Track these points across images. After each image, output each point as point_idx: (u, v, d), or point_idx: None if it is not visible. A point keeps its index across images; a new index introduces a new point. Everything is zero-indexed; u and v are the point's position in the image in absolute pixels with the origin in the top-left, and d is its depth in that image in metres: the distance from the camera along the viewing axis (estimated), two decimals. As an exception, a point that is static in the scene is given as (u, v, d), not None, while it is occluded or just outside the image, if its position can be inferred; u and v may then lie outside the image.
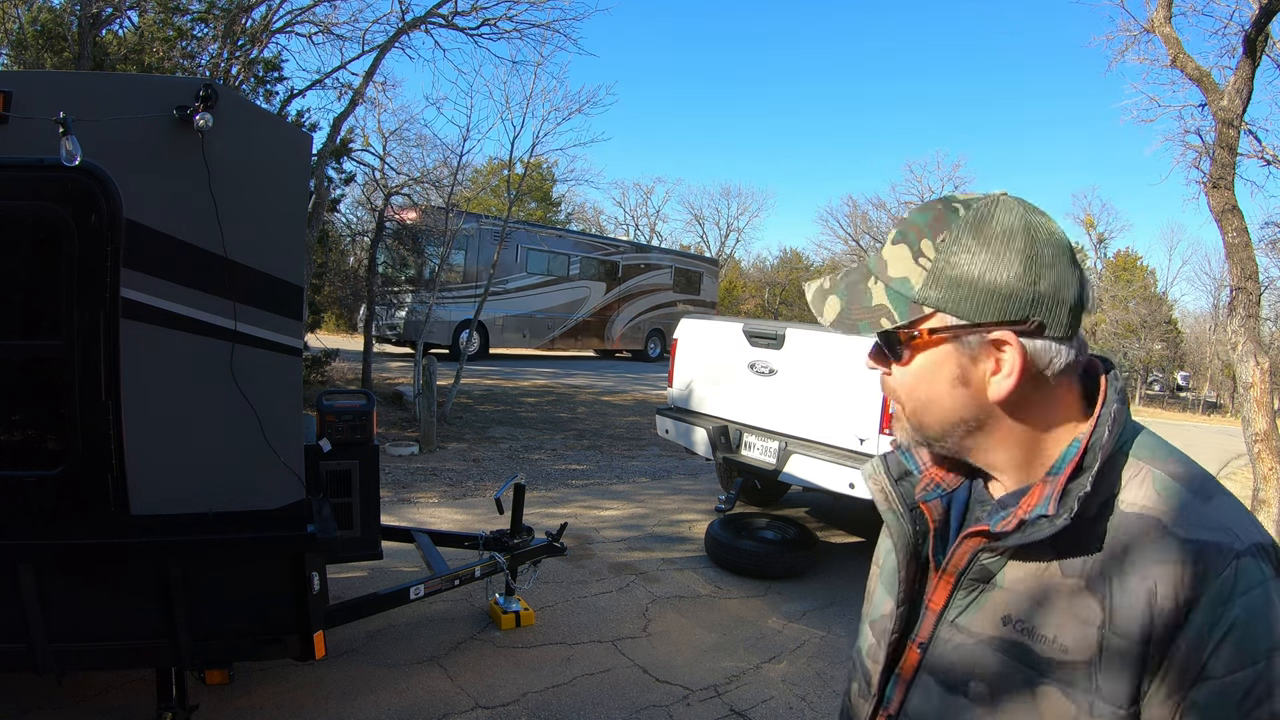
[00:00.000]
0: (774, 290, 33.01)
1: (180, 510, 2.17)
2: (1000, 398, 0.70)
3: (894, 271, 0.71)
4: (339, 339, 13.59)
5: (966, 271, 0.68)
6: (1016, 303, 0.67)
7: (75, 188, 1.97)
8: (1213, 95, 5.08)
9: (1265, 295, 11.81)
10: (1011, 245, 0.67)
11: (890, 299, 0.71)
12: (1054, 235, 0.69)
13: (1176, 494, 0.68)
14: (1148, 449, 0.72)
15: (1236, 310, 4.87)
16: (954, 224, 0.69)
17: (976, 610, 0.75)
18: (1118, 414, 0.71)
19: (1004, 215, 0.69)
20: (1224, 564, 0.63)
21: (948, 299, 0.68)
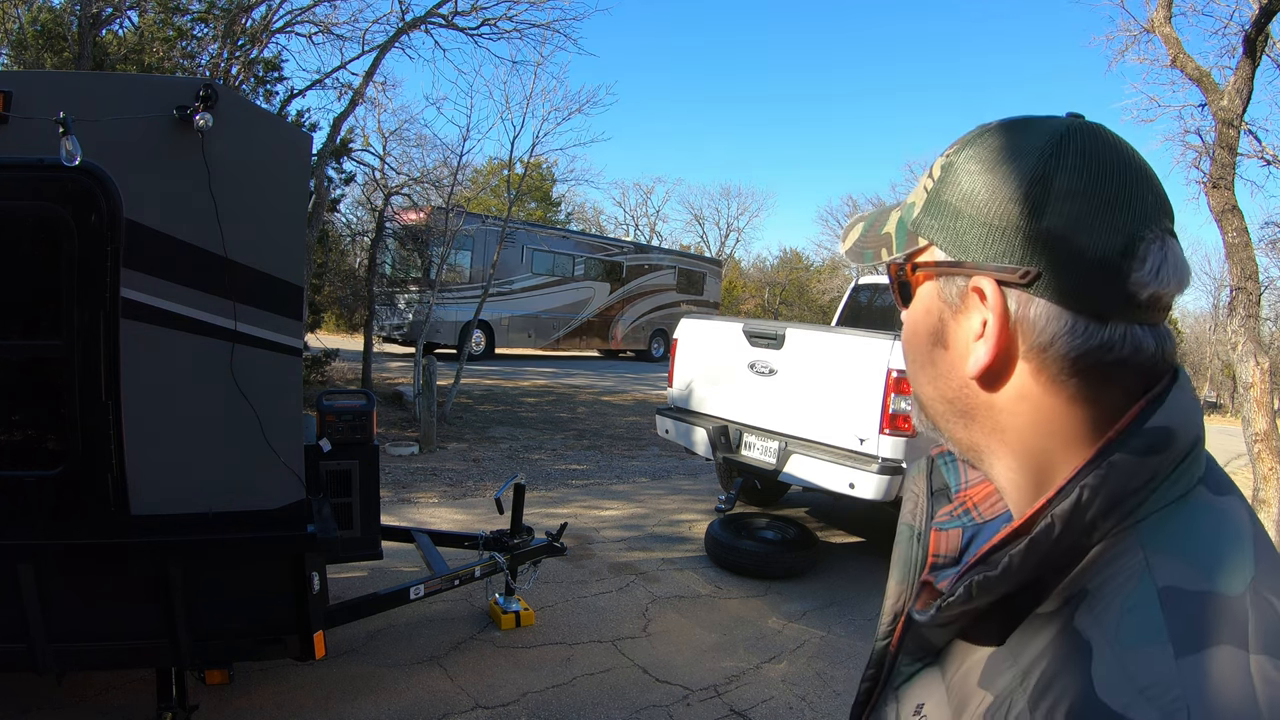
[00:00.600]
0: (774, 290, 33.01)
1: (180, 510, 2.17)
2: (976, 372, 0.50)
3: (910, 198, 0.57)
4: (339, 339, 13.59)
5: (961, 193, 0.51)
6: (1007, 239, 0.48)
7: (75, 188, 1.97)
8: (1213, 95, 5.08)
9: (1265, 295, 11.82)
10: (1020, 162, 0.49)
11: (895, 227, 0.57)
12: (1099, 162, 0.48)
13: (1145, 619, 0.42)
14: (1175, 534, 0.46)
15: (1236, 310, 4.87)
16: (976, 139, 0.52)
17: (913, 685, 0.59)
18: (1120, 470, 0.46)
19: (1034, 129, 0.50)
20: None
21: (935, 226, 0.53)
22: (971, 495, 0.64)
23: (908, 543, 0.68)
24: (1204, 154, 5.49)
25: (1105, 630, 0.43)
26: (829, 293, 30.66)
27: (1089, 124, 0.51)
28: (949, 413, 0.55)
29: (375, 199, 11.00)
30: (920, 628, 0.56)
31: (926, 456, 0.72)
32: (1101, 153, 0.48)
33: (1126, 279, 0.46)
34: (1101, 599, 0.44)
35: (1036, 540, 0.46)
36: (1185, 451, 0.48)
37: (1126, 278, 0.46)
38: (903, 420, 3.89)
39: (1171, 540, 0.45)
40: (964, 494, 0.65)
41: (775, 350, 4.54)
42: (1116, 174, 0.48)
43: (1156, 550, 0.44)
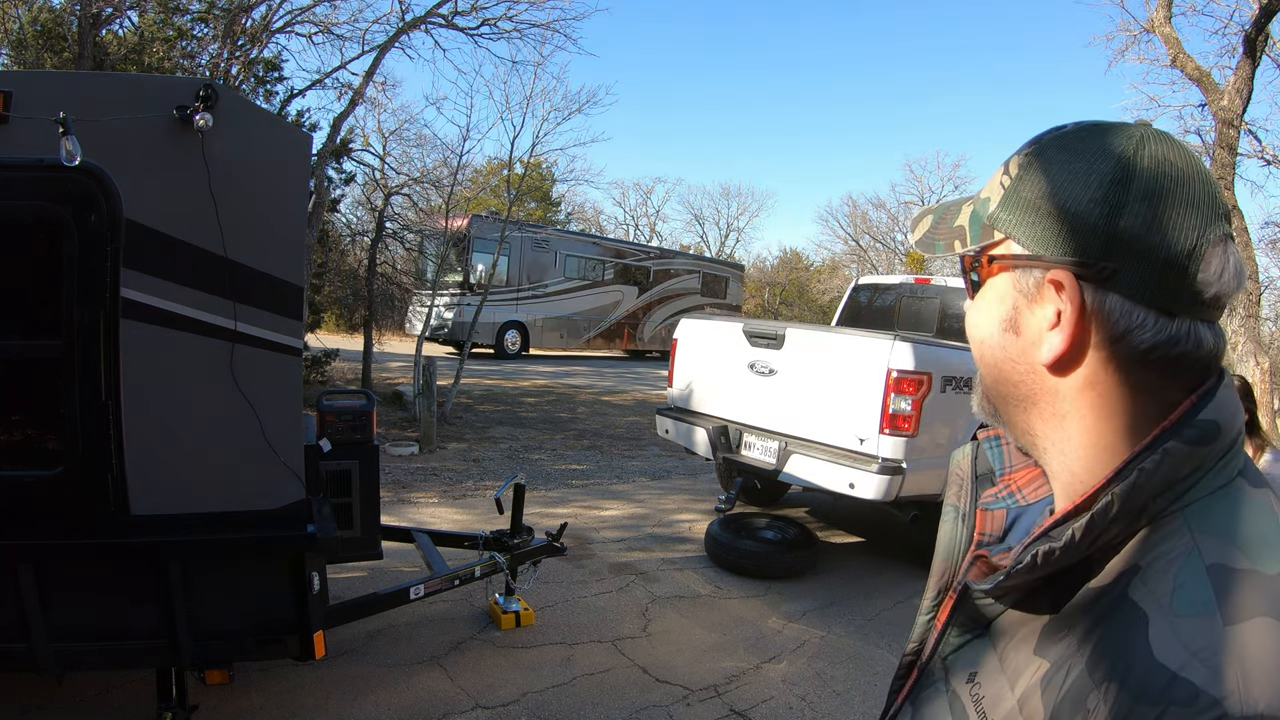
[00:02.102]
0: (774, 290, 33.02)
1: (180, 510, 2.17)
2: (1050, 359, 0.54)
3: (984, 193, 0.60)
4: (339, 339, 13.59)
5: (1039, 191, 0.54)
6: (1085, 236, 0.52)
7: (75, 188, 1.97)
8: (1213, 95, 5.08)
9: (1265, 295, 11.83)
10: (1098, 164, 0.52)
11: (970, 221, 0.61)
12: (1171, 168, 0.51)
13: (1200, 598, 0.46)
14: (1221, 518, 0.50)
15: (1236, 310, 4.88)
16: (1054, 141, 0.56)
17: (963, 655, 0.63)
18: (1173, 456, 0.50)
19: (1112, 135, 0.54)
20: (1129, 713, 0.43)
21: (1014, 221, 0.56)
22: (1016, 479, 0.68)
23: (952, 523, 0.71)
24: (1204, 154, 5.49)
25: (1159, 601, 0.47)
26: (829, 293, 30.67)
27: (1160, 132, 0.54)
28: (1012, 397, 0.58)
29: (375, 199, 11.00)
30: (974, 600, 0.60)
31: (973, 441, 0.74)
32: (1174, 159, 0.52)
33: (1195, 278, 0.50)
34: (1154, 574, 0.48)
35: (1096, 516, 0.50)
36: (1229, 445, 0.52)
37: (1195, 277, 0.50)
38: (902, 420, 3.89)
39: (1217, 524, 0.49)
40: (1009, 478, 0.68)
41: (775, 350, 4.54)
42: (1186, 180, 0.51)
43: (1203, 532, 0.49)
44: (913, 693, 0.68)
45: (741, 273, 25.01)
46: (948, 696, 0.62)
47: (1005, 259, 0.57)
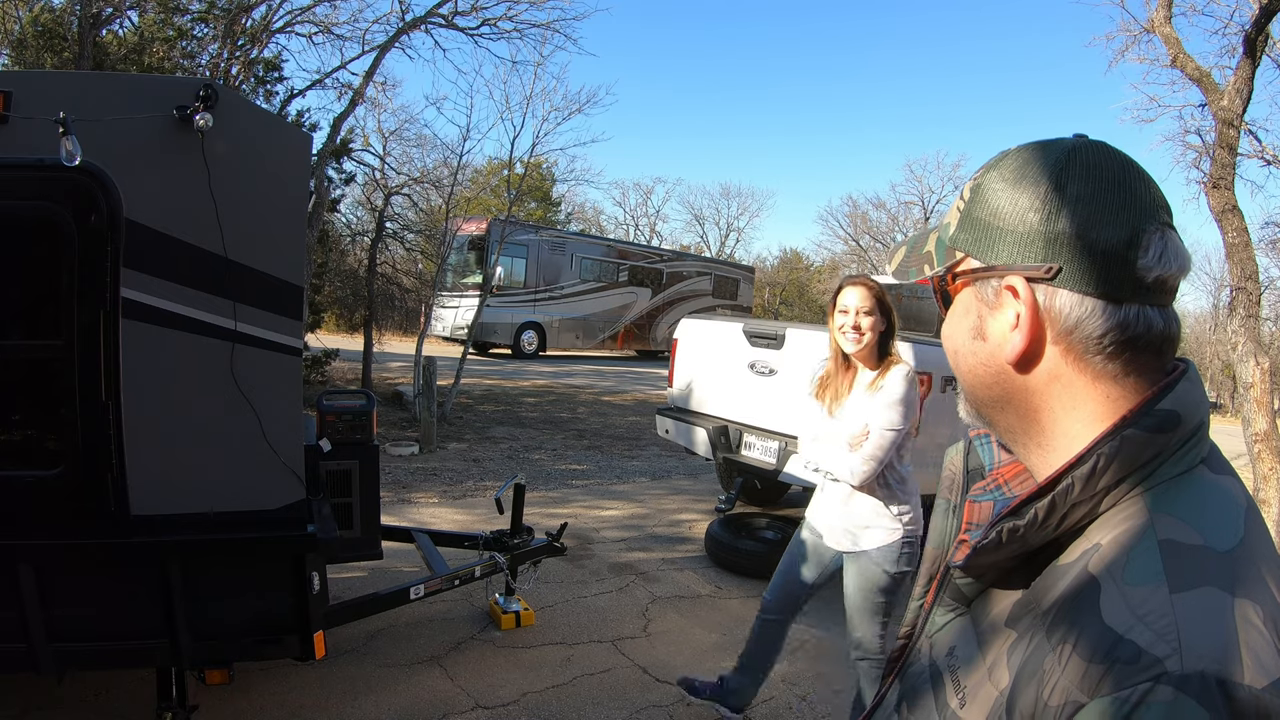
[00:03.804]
0: (774, 290, 33.01)
1: (180, 510, 2.17)
2: (1012, 357, 0.59)
3: (946, 219, 0.67)
4: (339, 339, 13.60)
5: (989, 208, 0.61)
6: (1029, 243, 0.57)
7: (75, 188, 1.97)
8: (1213, 95, 5.08)
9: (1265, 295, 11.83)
10: (1035, 182, 0.58)
11: (935, 246, 0.67)
12: (1103, 171, 0.57)
13: (1146, 564, 0.50)
14: (1179, 500, 0.53)
15: (1236, 310, 4.87)
16: (998, 162, 0.62)
17: (945, 631, 0.68)
18: (1133, 442, 0.54)
19: (1046, 150, 0.60)
20: (1132, 678, 0.45)
21: (969, 239, 0.62)
22: (1004, 473, 0.72)
23: (943, 515, 0.76)
24: (1204, 154, 5.49)
25: (1113, 572, 0.51)
26: (829, 293, 30.61)
27: (1093, 141, 0.60)
28: (989, 399, 0.63)
29: (375, 199, 11.00)
30: (955, 580, 0.65)
31: (965, 438, 0.79)
32: (1104, 163, 0.58)
33: (1134, 265, 0.55)
34: (1111, 549, 0.52)
35: (1057, 497, 0.55)
36: (1189, 434, 0.56)
37: (1134, 264, 0.55)
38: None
39: (1173, 505, 0.53)
40: (996, 472, 0.73)
41: (775, 350, 4.54)
42: (1118, 180, 0.57)
43: (1160, 512, 0.53)
44: (900, 671, 0.73)
45: (752, 274, 25.58)
46: (929, 671, 0.67)
47: (966, 274, 0.63)
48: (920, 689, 0.67)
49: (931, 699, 0.64)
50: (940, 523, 0.77)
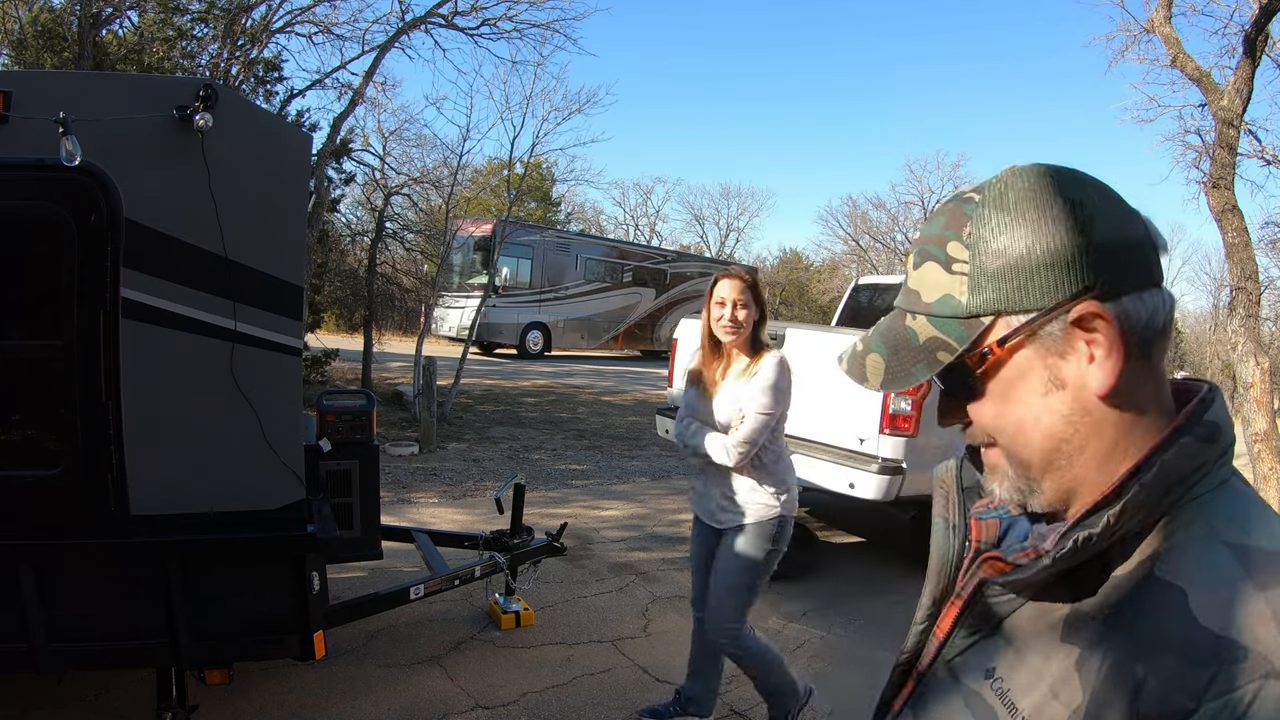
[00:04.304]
0: (774, 290, 33.00)
1: (180, 510, 2.16)
2: (1107, 386, 0.54)
3: (930, 296, 0.59)
4: (339, 339, 13.60)
5: (1011, 255, 0.55)
6: (1082, 264, 0.53)
7: (75, 188, 1.97)
8: (1213, 95, 5.08)
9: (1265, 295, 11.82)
10: (1048, 203, 0.55)
11: (939, 327, 0.58)
12: (1086, 177, 0.57)
13: (1230, 572, 0.50)
14: (1224, 509, 0.54)
15: (1236, 310, 4.87)
16: (974, 213, 0.57)
17: (972, 655, 0.64)
18: (1189, 451, 0.54)
19: (1021, 180, 0.57)
20: (1244, 678, 0.45)
21: (1004, 296, 0.55)
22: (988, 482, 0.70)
23: (944, 534, 0.73)
24: (1204, 154, 5.48)
25: (1191, 577, 0.51)
26: (829, 293, 30.65)
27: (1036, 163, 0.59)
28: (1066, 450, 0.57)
29: (375, 199, 11.00)
30: (987, 599, 0.63)
31: (955, 456, 0.75)
32: (1082, 174, 0.58)
33: (1156, 251, 0.56)
34: (1178, 556, 0.52)
35: (1129, 503, 0.53)
36: (1226, 446, 0.56)
37: (1156, 250, 0.56)
38: (902, 420, 3.89)
39: (1226, 512, 0.54)
40: None
41: (775, 350, 4.54)
42: (1091, 178, 0.57)
43: (1216, 519, 0.53)
44: (913, 699, 0.69)
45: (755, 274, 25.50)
46: (963, 695, 0.63)
47: (1018, 332, 0.56)
48: (955, 716, 0.63)
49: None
50: (941, 542, 0.73)
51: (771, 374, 2.39)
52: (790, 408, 2.51)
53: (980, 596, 0.64)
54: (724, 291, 2.46)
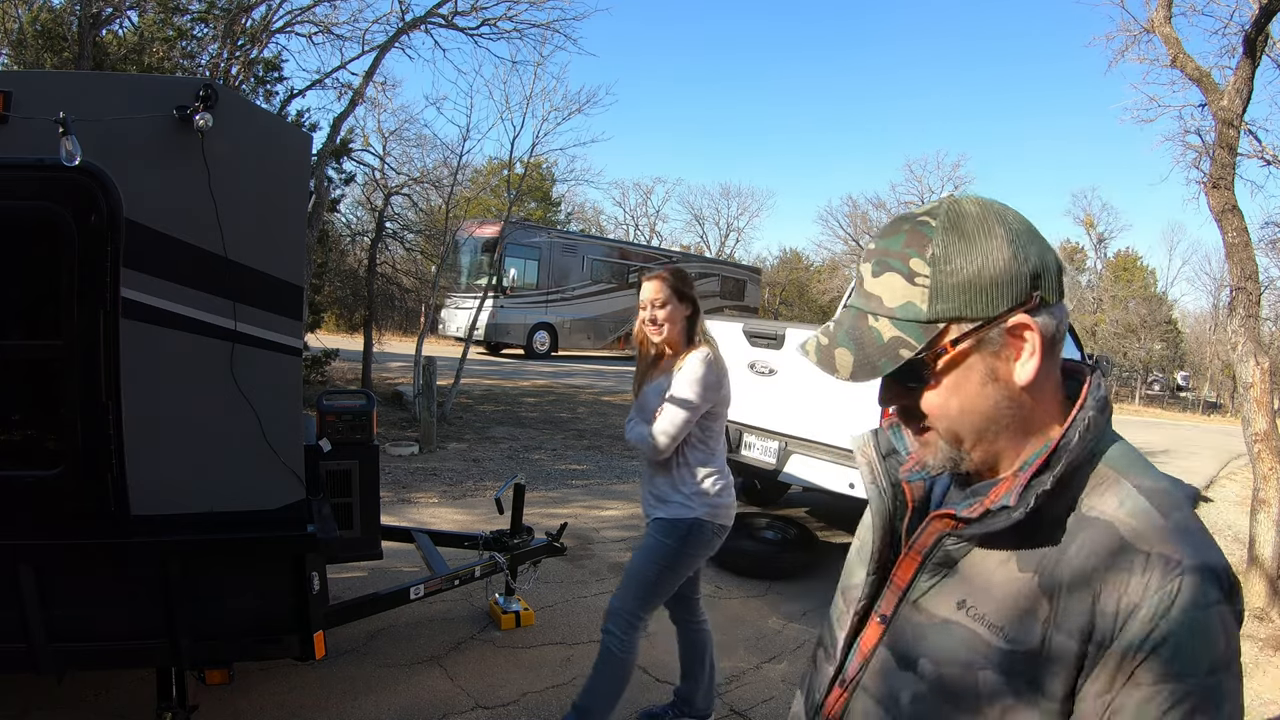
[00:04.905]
0: (774, 290, 33.00)
1: (180, 510, 2.16)
2: (1029, 379, 0.71)
3: (892, 301, 0.71)
4: (339, 339, 13.60)
5: (967, 273, 0.69)
6: (1018, 284, 0.69)
7: (75, 188, 1.97)
8: (1213, 95, 5.07)
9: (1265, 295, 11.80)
10: (994, 233, 0.70)
11: (901, 328, 0.71)
12: (1013, 212, 0.72)
13: (1139, 506, 0.69)
14: (1121, 460, 0.73)
15: (1236, 310, 4.87)
16: (933, 235, 0.70)
17: (937, 593, 0.78)
18: (1093, 421, 0.72)
19: (971, 209, 0.71)
20: (1168, 578, 0.64)
21: (959, 306, 0.69)
22: (920, 455, 0.81)
23: (879, 498, 0.86)
24: (1204, 154, 5.48)
25: (1115, 512, 0.69)
26: (829, 293, 30.65)
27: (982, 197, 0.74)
28: (996, 429, 0.74)
29: (375, 199, 11.00)
30: (947, 547, 0.77)
31: (869, 430, 0.91)
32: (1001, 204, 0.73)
33: (1062, 273, 0.74)
34: (1100, 498, 0.71)
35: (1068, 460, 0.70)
36: (1110, 414, 0.76)
37: (1062, 272, 0.74)
38: (903, 420, 3.88)
39: (1124, 463, 0.73)
40: (915, 455, 0.83)
41: (775, 350, 4.54)
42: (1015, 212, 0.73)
43: (1119, 468, 0.72)
44: (887, 636, 0.81)
45: (759, 275, 26.23)
46: (939, 625, 0.76)
47: (967, 336, 0.70)
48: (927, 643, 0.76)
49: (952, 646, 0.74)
50: (879, 505, 0.86)
51: (695, 368, 2.39)
52: (726, 405, 2.54)
53: (939, 546, 0.77)
54: (644, 294, 2.49)
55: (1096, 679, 0.65)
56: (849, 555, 0.96)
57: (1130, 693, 0.63)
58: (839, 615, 0.90)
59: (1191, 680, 0.62)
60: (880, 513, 0.86)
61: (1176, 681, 0.62)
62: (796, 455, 4.30)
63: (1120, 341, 29.57)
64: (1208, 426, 21.46)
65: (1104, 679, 0.65)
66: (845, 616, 0.88)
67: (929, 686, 0.75)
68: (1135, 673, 0.63)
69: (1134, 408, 27.51)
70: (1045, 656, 0.68)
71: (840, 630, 0.88)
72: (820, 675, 0.90)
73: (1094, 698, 0.65)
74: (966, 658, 0.72)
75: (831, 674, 0.88)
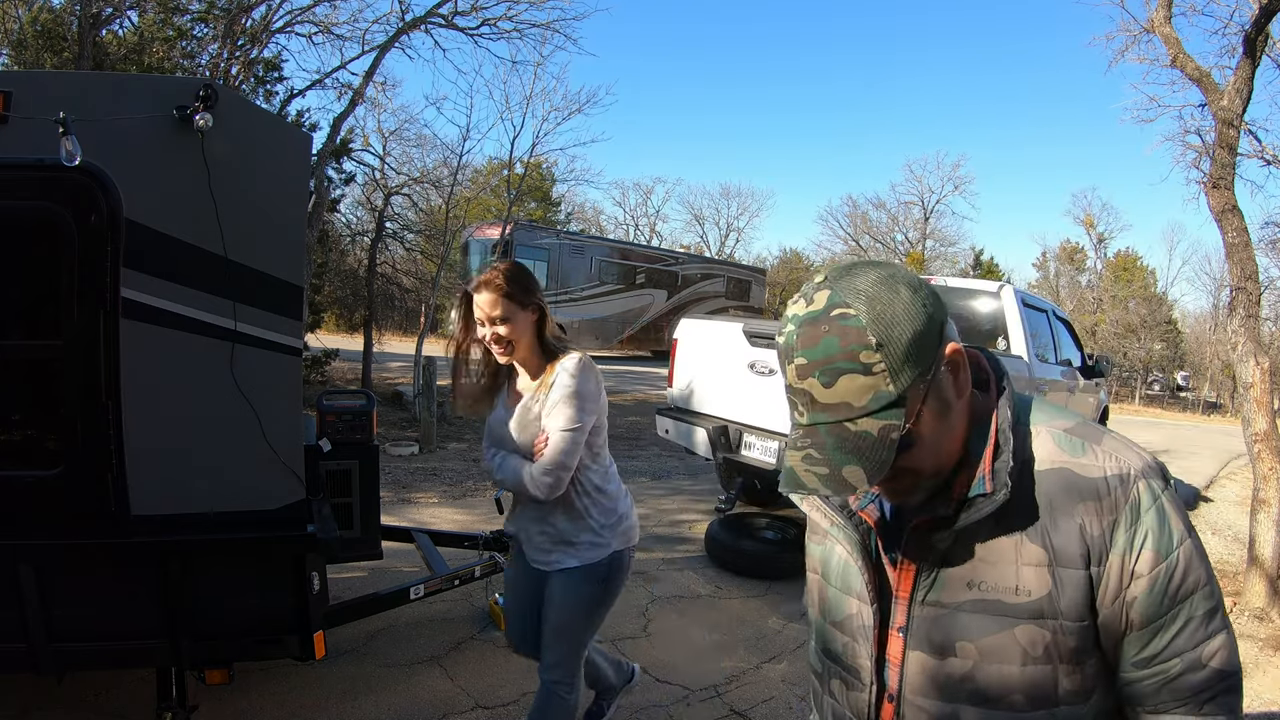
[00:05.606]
0: (774, 290, 33.00)
1: (180, 510, 2.16)
2: (966, 392, 0.84)
3: (861, 400, 0.75)
4: (339, 339, 13.60)
5: (906, 339, 0.75)
6: (933, 322, 0.78)
7: (75, 188, 1.97)
8: (1213, 95, 5.07)
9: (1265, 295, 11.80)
10: (898, 292, 0.77)
11: (882, 417, 0.76)
12: (877, 262, 0.82)
13: (1075, 444, 0.84)
14: (1041, 414, 0.88)
15: (1236, 310, 4.86)
16: (864, 323, 0.75)
17: (942, 586, 0.86)
18: (1011, 397, 0.86)
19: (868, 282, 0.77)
20: (1129, 490, 0.81)
21: (914, 370, 0.76)
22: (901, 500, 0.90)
23: (845, 532, 0.94)
24: (1204, 154, 5.47)
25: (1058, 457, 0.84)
26: (829, 293, 30.56)
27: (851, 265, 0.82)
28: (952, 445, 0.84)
29: (375, 199, 11.00)
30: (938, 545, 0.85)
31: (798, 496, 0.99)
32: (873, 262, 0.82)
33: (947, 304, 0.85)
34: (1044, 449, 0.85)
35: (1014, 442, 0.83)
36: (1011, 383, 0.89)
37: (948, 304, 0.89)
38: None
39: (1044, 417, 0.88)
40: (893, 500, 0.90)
41: (775, 350, 4.53)
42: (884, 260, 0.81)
43: (1041, 422, 0.87)
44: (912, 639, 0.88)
45: (764, 276, 26.44)
46: (960, 610, 0.84)
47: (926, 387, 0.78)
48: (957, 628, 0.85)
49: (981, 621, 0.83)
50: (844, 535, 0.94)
51: (570, 381, 1.99)
52: (606, 411, 2.16)
53: (929, 548, 0.86)
54: (478, 310, 1.99)
55: (1106, 587, 0.80)
56: (812, 593, 1.07)
57: (1136, 584, 0.79)
58: (846, 647, 0.96)
59: (1174, 553, 0.80)
60: (851, 543, 0.93)
61: (1165, 558, 0.79)
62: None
63: (1120, 341, 29.56)
64: (1208, 426, 21.44)
65: (1113, 584, 0.80)
66: (855, 644, 0.95)
67: (972, 660, 0.84)
68: (1134, 568, 0.79)
69: (1134, 408, 27.49)
70: (1059, 591, 0.80)
71: (859, 659, 0.94)
72: (856, 700, 0.95)
73: (1110, 602, 0.80)
74: (996, 623, 0.82)
75: (873, 694, 0.93)
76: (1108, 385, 8.38)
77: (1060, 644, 0.81)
